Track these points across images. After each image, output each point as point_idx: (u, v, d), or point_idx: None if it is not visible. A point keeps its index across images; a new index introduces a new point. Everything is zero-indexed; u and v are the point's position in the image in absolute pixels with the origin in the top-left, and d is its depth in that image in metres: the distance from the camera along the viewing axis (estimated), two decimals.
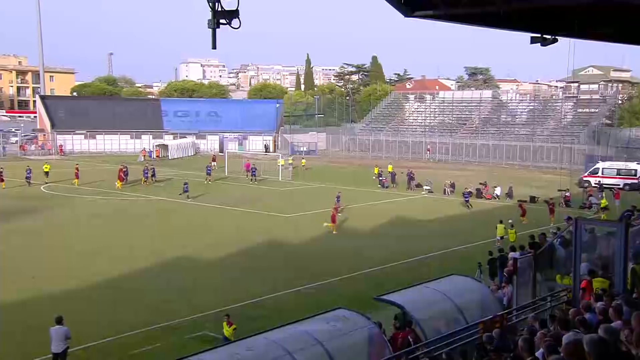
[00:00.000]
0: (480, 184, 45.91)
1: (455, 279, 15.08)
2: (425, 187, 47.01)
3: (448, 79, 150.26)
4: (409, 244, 28.74)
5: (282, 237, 29.67)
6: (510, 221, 28.98)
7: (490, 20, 14.50)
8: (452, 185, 46.27)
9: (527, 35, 14.98)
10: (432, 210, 38.32)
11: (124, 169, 48.66)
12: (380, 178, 50.92)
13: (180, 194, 41.02)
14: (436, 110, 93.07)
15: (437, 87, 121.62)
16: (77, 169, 48.79)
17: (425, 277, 19.87)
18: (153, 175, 50.10)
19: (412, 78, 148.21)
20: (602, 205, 35.99)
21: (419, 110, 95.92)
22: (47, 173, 47.62)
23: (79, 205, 38.50)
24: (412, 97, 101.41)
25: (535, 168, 65.30)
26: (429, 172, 58.27)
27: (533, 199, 40.73)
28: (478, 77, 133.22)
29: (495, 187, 44.47)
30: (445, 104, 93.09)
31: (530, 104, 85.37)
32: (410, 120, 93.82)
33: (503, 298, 15.97)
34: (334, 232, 30.91)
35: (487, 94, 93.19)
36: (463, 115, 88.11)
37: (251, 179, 50.65)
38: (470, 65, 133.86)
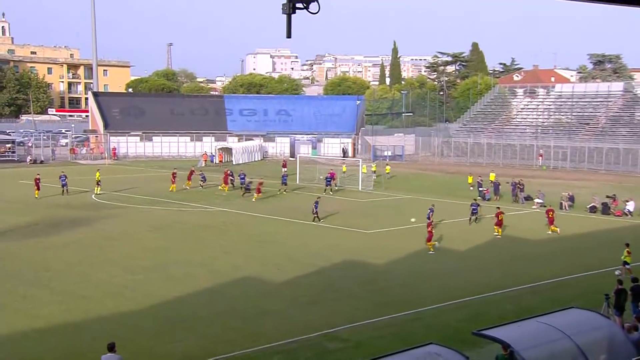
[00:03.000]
0: (608, 197, 44.30)
1: (575, 313, 14.51)
2: (536, 200, 45.75)
3: (567, 69, 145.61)
4: (514, 268, 28.08)
5: (362, 256, 29.67)
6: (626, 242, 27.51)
7: None
8: (571, 199, 44.91)
9: None
10: (545, 228, 37.22)
11: (199, 175, 52.29)
12: (481, 189, 50.06)
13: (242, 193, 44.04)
14: (551, 107, 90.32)
15: (552, 79, 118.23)
16: (174, 175, 51.13)
17: (535, 309, 19.26)
18: (203, 179, 52.83)
19: (521, 68, 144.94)
20: None
21: (529, 107, 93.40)
22: (98, 182, 48.97)
23: (133, 216, 40.13)
24: (520, 91, 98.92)
25: None
26: (540, 182, 56.72)
27: None
28: (606, 66, 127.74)
29: (627, 201, 42.73)
30: (562, 100, 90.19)
31: None
32: (518, 120, 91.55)
33: (636, 340, 15.20)
34: (430, 252, 30.91)
35: (618, 86, 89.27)
36: (586, 113, 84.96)
37: (325, 189, 51.04)
38: (596, 52, 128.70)
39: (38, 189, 46.46)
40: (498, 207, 36.66)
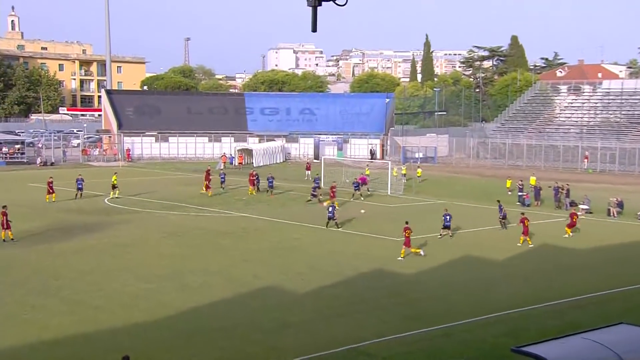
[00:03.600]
0: None
1: (625, 330, 14.29)
2: (581, 207, 45.25)
3: (615, 63, 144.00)
4: (557, 280, 27.82)
5: (390, 266, 29.61)
6: None
7: None
8: (620, 205, 44.37)
9: None
10: (591, 236, 36.87)
11: (253, 175, 53.06)
12: (521, 194, 49.64)
13: (267, 193, 45.55)
14: (598, 105, 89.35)
15: (599, 75, 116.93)
16: (207, 178, 51.47)
17: (580, 324, 19.04)
18: (222, 182, 53.60)
19: (564, 63, 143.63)
20: None
21: (573, 105, 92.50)
22: (114, 186, 49.23)
23: (148, 221, 40.52)
24: (564, 88, 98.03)
25: None
26: (586, 186, 56.09)
27: None
28: None
29: None
30: (610, 97, 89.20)
31: None
32: (561, 119, 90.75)
33: None
34: (400, 258, 30.95)
35: None
36: (636, 112, 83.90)
37: (353, 194, 50.98)
38: None
39: (50, 192, 46.99)
40: (522, 213, 36.29)
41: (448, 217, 36.01)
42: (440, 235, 35.81)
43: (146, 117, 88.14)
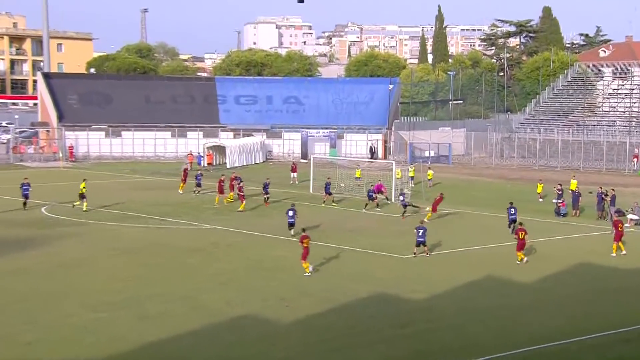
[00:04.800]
0: None
1: None
2: (630, 217, 45.49)
3: None
4: (600, 307, 27.97)
5: (396, 289, 29.69)
6: None
7: None
8: None
9: None
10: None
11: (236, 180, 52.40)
12: (557, 201, 49.72)
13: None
14: None
15: None
16: (221, 181, 51.93)
17: None
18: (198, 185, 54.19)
19: (609, 41, 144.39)
20: None
21: (620, 92, 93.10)
22: (82, 195, 48.13)
23: (97, 235, 40.50)
24: (608, 70, 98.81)
25: None
26: (636, 191, 56.27)
27: None
28: None
29: None
30: None
31: None
32: (605, 109, 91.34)
33: None
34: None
35: None
36: None
37: (367, 204, 50.61)
38: None
39: None
40: (520, 223, 36.49)
41: (421, 230, 35.40)
42: (414, 254, 35.61)
43: (94, 106, 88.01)
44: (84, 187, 48.60)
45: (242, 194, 50.09)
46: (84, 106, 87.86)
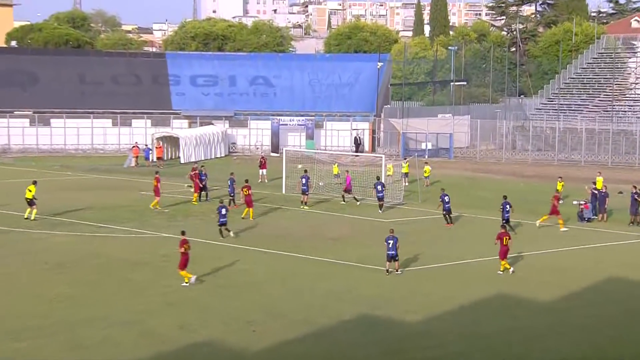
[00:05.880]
0: None
1: None
2: None
3: None
4: (628, 333, 28.00)
5: (386, 309, 29.68)
6: None
7: None
8: None
9: None
10: None
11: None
12: (579, 202, 49.79)
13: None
14: None
15: None
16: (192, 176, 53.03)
17: None
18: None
19: None
20: None
21: None
22: (31, 202, 47.22)
23: (21, 245, 40.12)
24: None
25: None
26: None
27: None
28: None
29: None
30: None
31: None
32: (638, 91, 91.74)
33: None
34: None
35: None
36: None
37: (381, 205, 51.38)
38: None
39: None
40: (503, 226, 36.84)
41: (391, 242, 34.87)
42: (387, 270, 35.17)
43: (15, 88, 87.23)
44: (32, 192, 47.28)
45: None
46: (3, 87, 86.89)
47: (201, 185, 53.60)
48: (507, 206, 43.21)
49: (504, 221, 41.39)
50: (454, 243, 41.32)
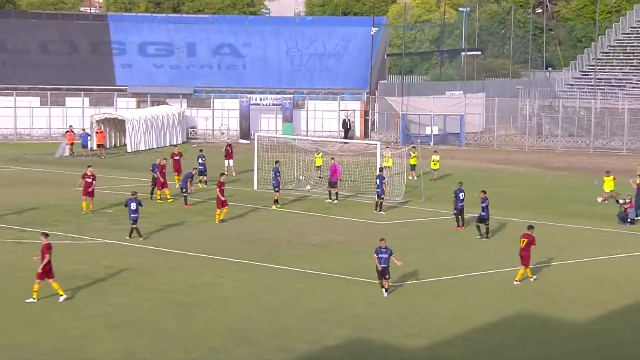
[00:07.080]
0: None
1: None
2: None
3: None
4: None
5: (381, 332, 29.73)
6: None
7: None
8: None
9: None
10: None
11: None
12: (624, 201, 49.86)
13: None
14: None
15: None
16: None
17: None
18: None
19: None
20: None
21: None
22: None
23: None
24: None
25: None
26: None
27: None
28: None
29: None
30: None
31: None
32: None
33: None
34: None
35: None
36: None
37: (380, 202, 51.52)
38: None
39: None
40: (529, 227, 36.98)
41: (383, 255, 34.31)
42: (386, 290, 34.86)
43: None
44: None
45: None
46: None
47: (162, 180, 53.67)
48: (462, 194, 44.98)
49: (456, 211, 44.16)
50: (466, 250, 41.37)
